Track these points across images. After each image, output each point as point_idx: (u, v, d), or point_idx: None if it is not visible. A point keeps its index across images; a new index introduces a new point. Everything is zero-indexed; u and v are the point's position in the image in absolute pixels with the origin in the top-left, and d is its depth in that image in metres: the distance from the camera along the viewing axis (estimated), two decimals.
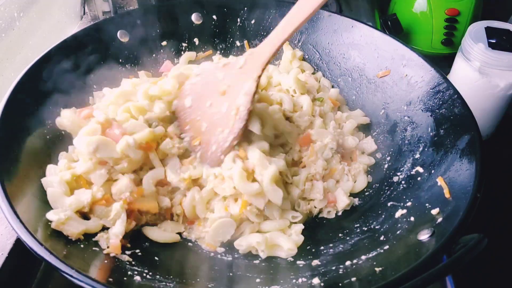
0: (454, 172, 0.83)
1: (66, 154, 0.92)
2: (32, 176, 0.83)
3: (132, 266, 0.76)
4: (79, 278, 0.64)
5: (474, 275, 0.96)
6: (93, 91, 1.06)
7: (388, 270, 0.72)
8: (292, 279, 0.78)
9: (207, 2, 1.21)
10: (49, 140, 0.91)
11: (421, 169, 0.92)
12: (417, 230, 0.78)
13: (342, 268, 0.78)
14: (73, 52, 1.02)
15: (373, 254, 0.79)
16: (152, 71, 1.17)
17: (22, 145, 0.84)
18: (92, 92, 1.06)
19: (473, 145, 0.83)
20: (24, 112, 0.88)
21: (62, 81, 0.99)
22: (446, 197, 0.81)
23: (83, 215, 0.82)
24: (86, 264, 0.72)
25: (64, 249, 0.73)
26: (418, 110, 1.00)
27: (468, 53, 1.16)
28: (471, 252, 0.64)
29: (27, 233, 0.68)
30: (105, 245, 0.79)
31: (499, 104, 1.20)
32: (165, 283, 0.74)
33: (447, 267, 0.65)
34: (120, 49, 1.12)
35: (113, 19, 1.17)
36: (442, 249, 0.69)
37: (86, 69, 1.05)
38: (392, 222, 0.86)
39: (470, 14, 1.43)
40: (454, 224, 0.72)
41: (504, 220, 1.11)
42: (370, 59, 1.12)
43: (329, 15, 1.17)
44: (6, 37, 1.06)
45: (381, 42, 1.10)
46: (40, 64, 0.95)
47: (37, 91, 0.93)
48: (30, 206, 0.77)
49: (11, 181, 0.76)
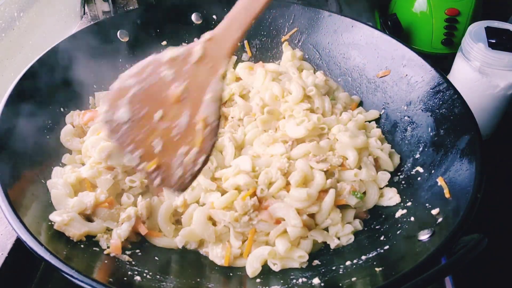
0: (454, 172, 0.83)
1: (70, 157, 0.92)
2: (32, 176, 0.83)
3: (132, 266, 0.76)
4: (79, 279, 0.64)
5: (474, 275, 0.96)
6: (94, 91, 1.06)
7: (388, 270, 0.72)
8: (292, 279, 0.78)
9: (207, 2, 1.21)
10: (49, 140, 0.91)
11: (421, 169, 0.92)
12: (418, 230, 0.78)
13: (342, 268, 0.78)
14: (72, 51, 1.02)
15: (373, 254, 0.79)
16: None
17: (22, 145, 0.84)
18: (93, 92, 1.06)
19: (473, 145, 0.83)
20: (24, 112, 0.88)
21: (61, 81, 0.99)
22: (446, 197, 0.81)
23: (87, 218, 0.83)
24: (86, 264, 0.72)
25: (65, 250, 0.73)
26: (418, 110, 1.00)
27: (468, 53, 1.16)
28: (472, 252, 0.64)
29: (27, 234, 0.68)
30: (105, 245, 0.79)
31: (499, 104, 1.20)
32: (165, 283, 0.74)
33: (448, 267, 0.65)
34: (120, 49, 1.12)
35: (113, 19, 1.18)
36: (443, 249, 0.69)
37: (85, 69, 1.05)
38: (392, 222, 0.86)
39: (470, 14, 1.43)
40: (454, 224, 0.72)
41: (504, 220, 1.11)
42: (370, 59, 1.12)
43: (329, 15, 1.17)
44: (6, 37, 1.06)
45: (381, 42, 1.10)
46: (40, 64, 0.95)
47: (36, 91, 0.93)
48: (30, 207, 0.77)
49: (12, 182, 0.76)
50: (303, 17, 1.19)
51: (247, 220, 0.81)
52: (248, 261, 0.80)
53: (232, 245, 0.83)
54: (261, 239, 0.83)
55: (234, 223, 0.81)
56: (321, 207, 0.84)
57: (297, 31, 1.21)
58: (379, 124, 1.08)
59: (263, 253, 0.80)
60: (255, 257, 0.80)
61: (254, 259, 0.80)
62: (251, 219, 0.82)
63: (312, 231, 0.85)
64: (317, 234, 0.84)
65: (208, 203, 0.85)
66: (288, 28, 1.21)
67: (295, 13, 1.20)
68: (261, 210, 0.83)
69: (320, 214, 0.85)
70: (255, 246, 0.83)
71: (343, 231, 0.86)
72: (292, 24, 1.21)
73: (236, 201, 0.82)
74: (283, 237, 0.82)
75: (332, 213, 0.85)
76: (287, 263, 0.81)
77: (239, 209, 0.81)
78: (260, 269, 0.79)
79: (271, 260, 0.80)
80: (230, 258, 0.81)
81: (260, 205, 0.83)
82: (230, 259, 0.81)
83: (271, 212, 0.82)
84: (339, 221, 0.85)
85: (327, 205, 0.84)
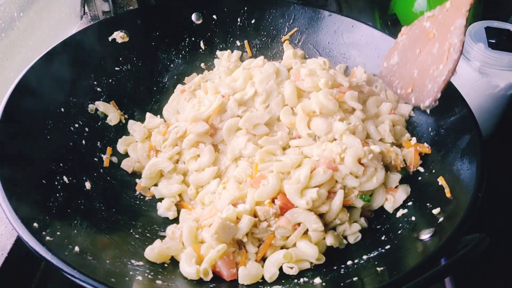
0: (455, 172, 0.83)
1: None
2: (33, 175, 0.82)
3: (133, 265, 0.76)
4: (81, 278, 0.64)
5: (473, 275, 0.96)
6: (93, 92, 1.06)
7: (389, 270, 0.72)
8: (293, 278, 0.78)
9: (207, 2, 1.21)
10: (49, 140, 0.91)
11: (422, 169, 0.92)
12: (419, 230, 0.78)
13: (343, 267, 0.78)
14: (71, 53, 1.02)
15: (374, 254, 0.79)
16: (152, 70, 1.18)
17: (22, 144, 0.84)
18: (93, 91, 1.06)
19: (474, 145, 0.83)
20: (24, 112, 0.88)
21: (61, 81, 0.99)
22: (447, 196, 0.81)
23: None
24: (88, 263, 0.72)
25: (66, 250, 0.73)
26: (418, 110, 1.00)
27: (468, 53, 1.16)
28: (473, 252, 0.64)
29: (28, 233, 0.68)
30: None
31: (499, 104, 1.20)
32: (167, 283, 0.74)
33: (450, 266, 0.65)
34: (119, 49, 1.12)
35: (112, 19, 1.17)
36: (444, 248, 0.69)
37: (85, 69, 1.05)
38: (393, 221, 0.86)
39: (470, 14, 1.43)
40: (455, 223, 0.72)
41: (505, 219, 1.11)
42: (371, 59, 1.12)
43: (330, 14, 1.17)
44: (6, 37, 1.06)
45: (381, 42, 1.10)
46: (39, 64, 0.95)
47: (36, 91, 0.93)
48: (30, 206, 0.76)
49: (12, 181, 0.76)
50: (303, 17, 1.19)
51: (265, 226, 0.81)
52: (265, 267, 0.80)
53: (248, 251, 0.82)
54: (278, 243, 0.83)
55: (253, 229, 0.81)
56: (331, 207, 0.84)
57: (297, 31, 1.21)
58: None
59: (279, 258, 0.79)
60: (271, 262, 0.80)
61: (271, 264, 0.79)
62: (270, 226, 0.82)
63: (328, 234, 0.84)
64: (331, 237, 0.83)
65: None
66: (288, 28, 1.21)
67: (295, 13, 1.20)
68: (279, 216, 0.82)
69: (329, 214, 0.85)
70: (270, 250, 0.82)
71: (350, 229, 0.86)
72: (292, 24, 1.21)
73: (259, 208, 0.82)
74: (304, 240, 0.82)
75: (341, 213, 0.85)
76: (302, 265, 0.80)
77: (261, 215, 0.81)
78: (277, 273, 0.78)
79: (287, 265, 0.79)
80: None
81: (281, 212, 0.83)
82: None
83: (288, 217, 0.81)
84: (346, 220, 0.85)
85: (336, 205, 0.84)
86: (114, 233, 0.84)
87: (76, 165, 0.92)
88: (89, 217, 0.84)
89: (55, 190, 0.83)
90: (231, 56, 1.21)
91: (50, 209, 0.79)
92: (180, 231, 0.84)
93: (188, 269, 0.77)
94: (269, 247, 0.82)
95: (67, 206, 0.82)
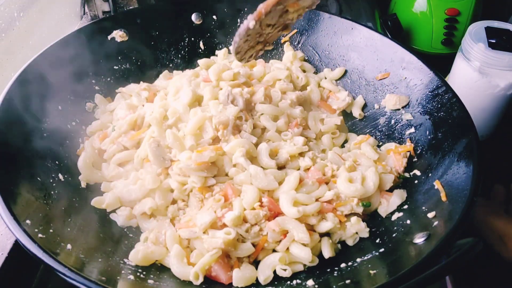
0: (451, 176, 0.83)
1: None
2: (30, 176, 0.83)
3: (125, 264, 0.77)
4: (71, 276, 0.64)
5: (474, 275, 0.96)
6: (92, 90, 1.07)
7: (382, 273, 0.72)
8: (286, 280, 0.78)
9: (207, 2, 1.21)
10: (46, 141, 0.91)
11: (418, 172, 0.92)
12: (413, 233, 0.78)
13: (337, 270, 0.78)
14: (69, 52, 1.03)
15: (368, 257, 0.79)
16: (152, 70, 1.18)
17: (19, 145, 0.85)
18: (93, 92, 1.07)
19: (471, 149, 0.83)
20: (22, 112, 0.89)
21: (60, 81, 0.99)
22: (443, 200, 0.81)
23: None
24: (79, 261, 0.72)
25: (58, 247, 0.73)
26: (417, 113, 1.00)
27: (468, 53, 1.16)
28: (465, 256, 0.64)
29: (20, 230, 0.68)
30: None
31: (499, 104, 1.19)
32: (159, 283, 0.74)
33: (442, 270, 0.65)
34: (119, 49, 1.13)
35: (112, 18, 1.18)
36: (437, 252, 0.69)
37: (84, 69, 1.06)
38: (388, 224, 0.86)
39: (470, 14, 1.43)
40: (450, 227, 0.72)
41: None
42: (370, 61, 1.12)
43: (329, 17, 1.17)
44: (6, 37, 1.06)
45: (381, 45, 1.09)
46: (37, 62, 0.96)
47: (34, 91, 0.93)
48: (27, 207, 0.77)
49: (9, 182, 0.76)
50: (302, 18, 1.18)
51: (257, 231, 0.81)
52: (259, 269, 0.80)
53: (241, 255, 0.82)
54: (270, 246, 0.83)
55: (245, 234, 0.81)
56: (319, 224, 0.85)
57: (296, 33, 1.21)
58: (378, 126, 1.08)
59: (275, 260, 0.79)
60: (266, 264, 0.80)
61: (265, 266, 0.80)
62: (262, 229, 0.82)
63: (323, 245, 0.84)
64: (327, 248, 0.83)
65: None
66: None
67: None
68: (270, 219, 0.83)
69: (319, 227, 0.85)
70: (263, 253, 0.82)
71: (345, 234, 0.86)
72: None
73: (248, 212, 0.82)
74: (296, 243, 0.82)
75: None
76: (295, 267, 0.81)
77: (251, 219, 0.81)
78: (272, 276, 0.79)
79: (280, 267, 0.79)
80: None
81: (271, 215, 0.83)
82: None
83: (279, 222, 0.82)
84: (338, 228, 0.86)
85: (326, 227, 0.84)
86: (107, 232, 0.85)
87: (71, 163, 0.93)
88: (83, 215, 0.85)
89: (50, 188, 0.84)
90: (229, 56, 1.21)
91: (44, 207, 0.79)
92: (163, 236, 0.83)
93: (180, 269, 0.77)
94: (261, 250, 0.82)
95: (61, 204, 0.83)
